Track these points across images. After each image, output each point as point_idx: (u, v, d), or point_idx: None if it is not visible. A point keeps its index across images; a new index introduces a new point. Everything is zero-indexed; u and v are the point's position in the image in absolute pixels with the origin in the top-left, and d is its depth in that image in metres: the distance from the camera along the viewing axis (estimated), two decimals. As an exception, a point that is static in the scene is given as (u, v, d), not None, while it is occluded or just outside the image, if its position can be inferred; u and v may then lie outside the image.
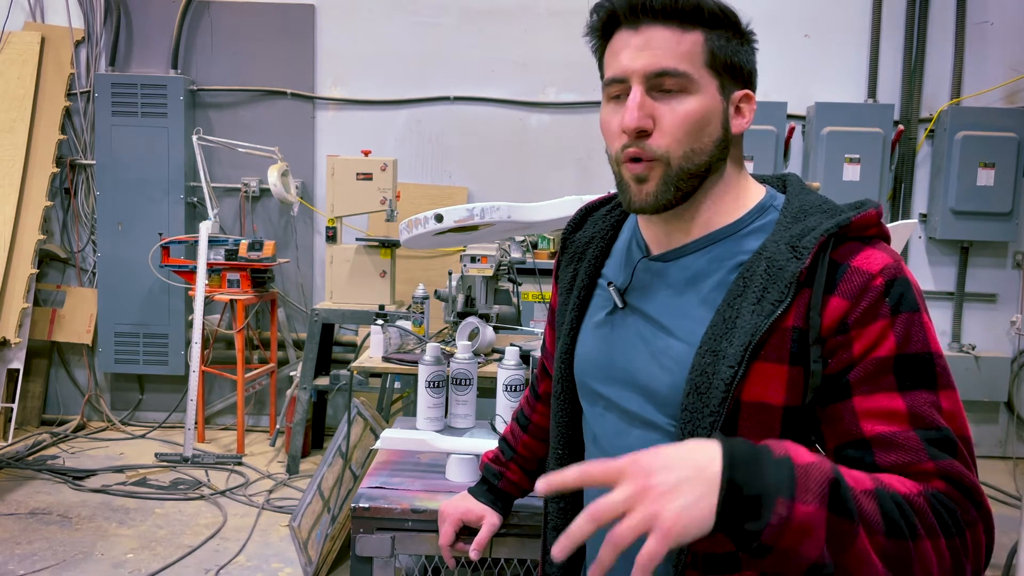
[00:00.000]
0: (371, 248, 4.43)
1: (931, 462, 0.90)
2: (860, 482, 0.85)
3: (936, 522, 0.87)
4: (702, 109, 1.01)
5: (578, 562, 1.23)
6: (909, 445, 0.90)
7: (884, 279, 0.94)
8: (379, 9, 5.00)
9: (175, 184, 4.94)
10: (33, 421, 5.06)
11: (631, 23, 1.02)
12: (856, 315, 0.94)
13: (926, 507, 0.87)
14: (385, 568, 1.57)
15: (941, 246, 4.95)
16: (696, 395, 0.98)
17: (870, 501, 0.84)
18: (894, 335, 0.93)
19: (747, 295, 0.98)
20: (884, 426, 0.92)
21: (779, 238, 1.00)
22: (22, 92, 4.86)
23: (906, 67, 4.91)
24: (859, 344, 0.93)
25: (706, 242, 1.06)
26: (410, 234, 1.63)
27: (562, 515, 1.22)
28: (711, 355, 0.98)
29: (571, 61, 4.89)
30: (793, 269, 0.96)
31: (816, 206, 1.03)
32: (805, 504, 0.79)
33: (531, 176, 5.01)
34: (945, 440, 0.91)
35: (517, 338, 3.10)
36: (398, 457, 1.85)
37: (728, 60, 1.02)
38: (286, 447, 4.47)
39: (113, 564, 3.32)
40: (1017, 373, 4.98)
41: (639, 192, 1.04)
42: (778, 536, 0.79)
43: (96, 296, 5.04)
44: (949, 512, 0.88)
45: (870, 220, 0.99)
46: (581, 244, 1.23)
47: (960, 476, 0.90)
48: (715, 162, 1.04)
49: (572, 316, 1.19)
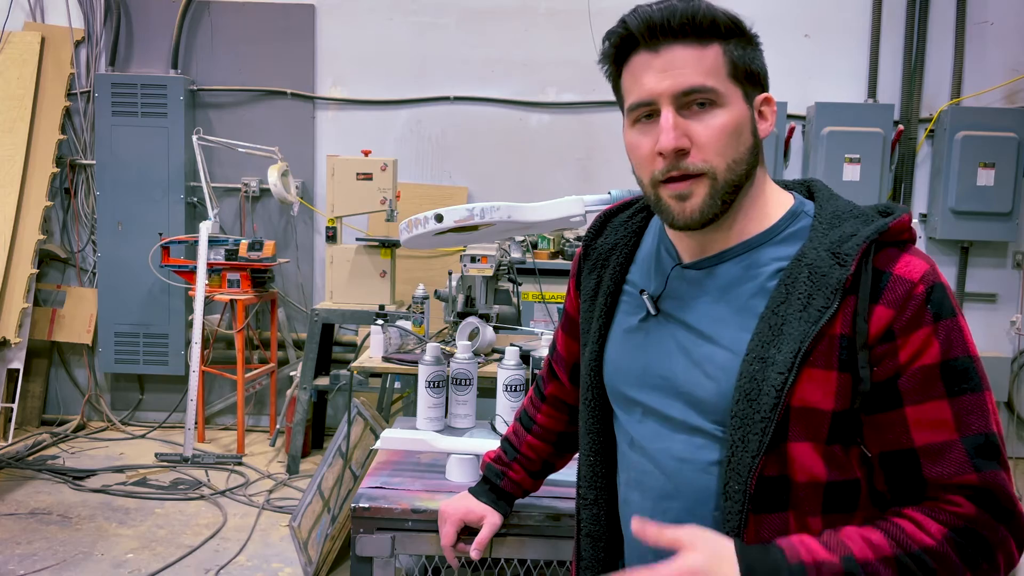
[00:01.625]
0: (371, 248, 4.43)
1: (975, 474, 0.95)
2: (877, 549, 0.92)
3: (961, 561, 0.93)
4: (734, 120, 1.02)
5: (610, 568, 1.23)
6: (955, 456, 0.95)
7: (925, 287, 0.97)
8: (379, 9, 5.00)
9: (175, 184, 4.94)
10: (33, 421, 5.06)
11: (650, 45, 1.02)
12: (902, 323, 0.97)
13: (950, 552, 0.93)
14: (385, 568, 1.57)
15: (941, 246, 4.95)
16: (746, 402, 0.99)
17: (889, 571, 0.92)
18: (938, 342, 0.96)
19: (791, 302, 1.00)
20: (932, 435, 0.96)
21: (818, 244, 1.02)
22: (22, 92, 4.86)
23: (906, 67, 4.91)
24: (905, 352, 0.97)
25: (741, 250, 1.07)
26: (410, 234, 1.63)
27: (595, 521, 1.23)
28: (759, 362, 0.99)
29: (571, 61, 4.89)
30: (838, 276, 0.98)
31: (848, 211, 1.05)
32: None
33: (531, 176, 5.01)
34: (990, 445, 0.96)
35: (517, 338, 3.10)
36: (398, 457, 1.85)
37: (747, 68, 1.03)
38: (286, 447, 4.47)
39: (113, 564, 3.32)
40: (1017, 373, 4.98)
41: (682, 210, 1.04)
42: None
43: (96, 296, 5.04)
44: (976, 543, 0.93)
45: (904, 225, 1.02)
46: (604, 251, 1.23)
47: (1000, 489, 0.95)
48: (751, 170, 1.05)
49: (599, 323, 1.20)
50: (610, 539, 1.22)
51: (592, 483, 1.22)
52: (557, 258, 4.48)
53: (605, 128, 4.95)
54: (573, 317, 1.32)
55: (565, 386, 1.40)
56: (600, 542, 1.22)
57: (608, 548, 1.22)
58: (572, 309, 1.33)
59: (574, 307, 1.32)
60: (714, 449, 1.04)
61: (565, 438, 1.45)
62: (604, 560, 1.22)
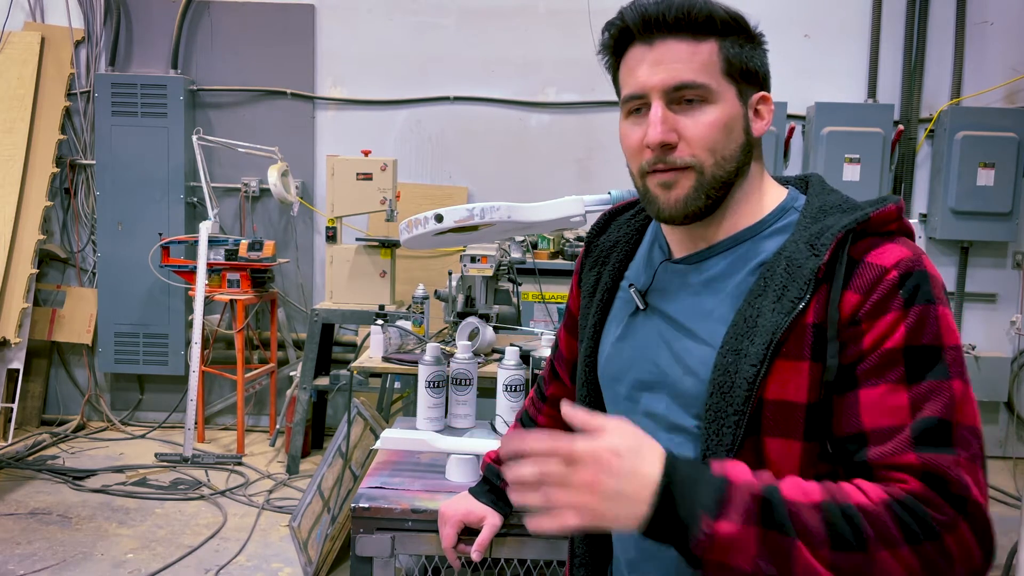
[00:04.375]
0: (371, 248, 4.43)
1: (914, 454, 0.90)
2: (808, 494, 0.88)
3: (897, 530, 0.87)
4: (724, 117, 1.02)
5: (604, 563, 1.23)
6: (898, 437, 0.91)
7: (898, 272, 0.95)
8: (379, 9, 5.00)
9: (175, 184, 4.94)
10: (33, 421, 5.06)
11: (645, 38, 1.02)
12: (867, 308, 0.94)
13: (884, 516, 0.87)
14: (385, 568, 1.57)
15: (941, 246, 4.95)
16: (720, 395, 0.99)
17: (813, 515, 0.87)
18: (905, 327, 0.93)
19: (767, 294, 0.99)
20: (885, 419, 0.92)
21: (799, 237, 1.01)
22: (22, 92, 4.86)
23: (906, 67, 4.91)
24: (869, 336, 0.94)
25: (729, 244, 1.07)
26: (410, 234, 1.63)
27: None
28: (733, 355, 0.99)
29: (571, 61, 4.89)
30: (812, 266, 0.97)
31: (836, 205, 1.04)
32: (728, 522, 0.85)
33: (531, 176, 5.01)
34: (940, 430, 0.90)
35: (517, 338, 3.10)
36: (398, 457, 1.85)
37: (743, 66, 1.03)
38: (286, 447, 4.47)
39: (113, 564, 3.32)
40: (1017, 373, 4.98)
41: (667, 199, 1.04)
42: (706, 550, 0.86)
43: (96, 296, 5.04)
44: (917, 517, 0.87)
45: (889, 216, 1.00)
46: (605, 248, 1.24)
47: (942, 471, 0.89)
48: (741, 167, 1.05)
49: (595, 319, 1.20)
50: (603, 536, 1.22)
51: None
52: (557, 258, 4.48)
53: (605, 128, 4.95)
54: (575, 315, 1.32)
55: (567, 386, 1.40)
56: (593, 539, 1.22)
57: (601, 545, 1.22)
58: (575, 307, 1.33)
59: (576, 305, 1.32)
60: (692, 446, 1.03)
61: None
62: (597, 557, 1.22)
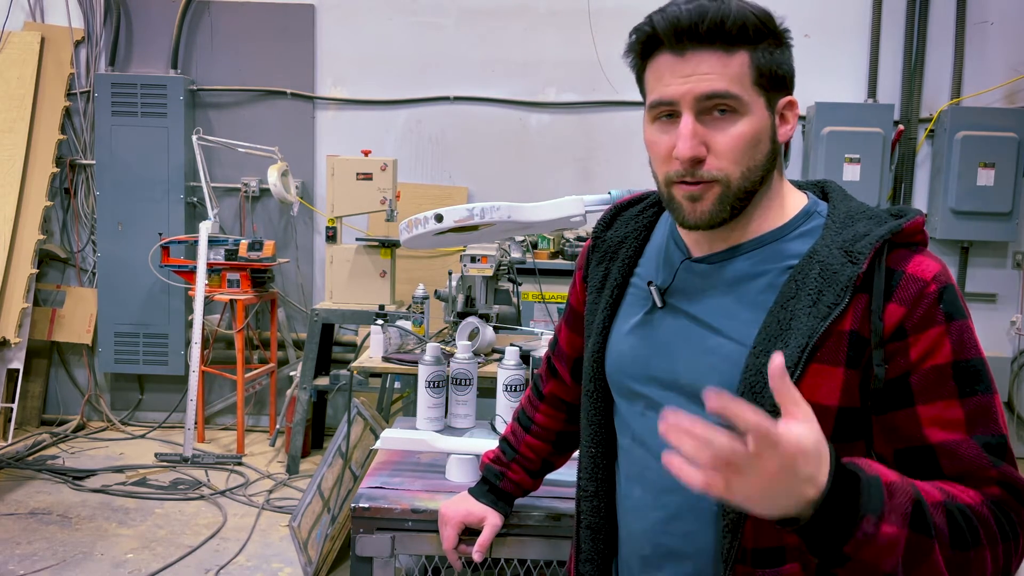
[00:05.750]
0: (371, 248, 4.43)
1: (993, 469, 0.96)
2: (931, 495, 0.91)
3: (997, 530, 0.93)
4: (754, 129, 1.02)
5: (609, 561, 1.23)
6: (971, 454, 0.96)
7: (937, 286, 0.98)
8: (379, 9, 5.00)
9: (175, 184, 4.94)
10: (33, 421, 5.06)
11: (675, 48, 1.01)
12: (913, 321, 0.97)
13: (990, 517, 0.93)
14: (385, 568, 1.57)
15: (941, 246, 4.94)
16: (751, 395, 1.00)
17: (940, 515, 0.90)
18: (950, 342, 0.97)
19: (801, 297, 1.01)
20: (946, 434, 0.97)
21: (830, 242, 1.03)
22: (22, 92, 4.86)
23: (906, 67, 4.91)
24: (916, 349, 0.97)
25: (753, 246, 1.08)
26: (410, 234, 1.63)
27: (595, 513, 1.22)
28: (766, 355, 0.99)
29: (571, 61, 4.89)
30: (849, 273, 0.99)
31: (861, 212, 1.06)
32: (890, 524, 0.85)
33: (531, 176, 5.01)
34: (1000, 445, 0.97)
35: (517, 338, 3.10)
36: (398, 457, 1.85)
37: (773, 72, 1.03)
38: (286, 447, 4.47)
39: (113, 564, 3.32)
40: (1017, 373, 4.98)
41: (692, 210, 1.04)
42: (859, 550, 0.85)
43: (96, 296, 5.04)
44: (1007, 519, 0.94)
45: (918, 227, 1.03)
46: (613, 243, 1.23)
47: (1015, 481, 0.96)
48: (766, 175, 1.05)
49: (604, 315, 1.20)
50: (609, 531, 1.22)
51: (593, 475, 1.22)
52: (557, 258, 4.48)
53: (605, 128, 4.95)
54: (578, 311, 1.32)
55: (566, 383, 1.40)
56: (600, 534, 1.22)
57: (607, 541, 1.22)
58: (577, 302, 1.32)
59: (579, 300, 1.31)
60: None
61: (564, 437, 1.45)
62: (603, 553, 1.22)
